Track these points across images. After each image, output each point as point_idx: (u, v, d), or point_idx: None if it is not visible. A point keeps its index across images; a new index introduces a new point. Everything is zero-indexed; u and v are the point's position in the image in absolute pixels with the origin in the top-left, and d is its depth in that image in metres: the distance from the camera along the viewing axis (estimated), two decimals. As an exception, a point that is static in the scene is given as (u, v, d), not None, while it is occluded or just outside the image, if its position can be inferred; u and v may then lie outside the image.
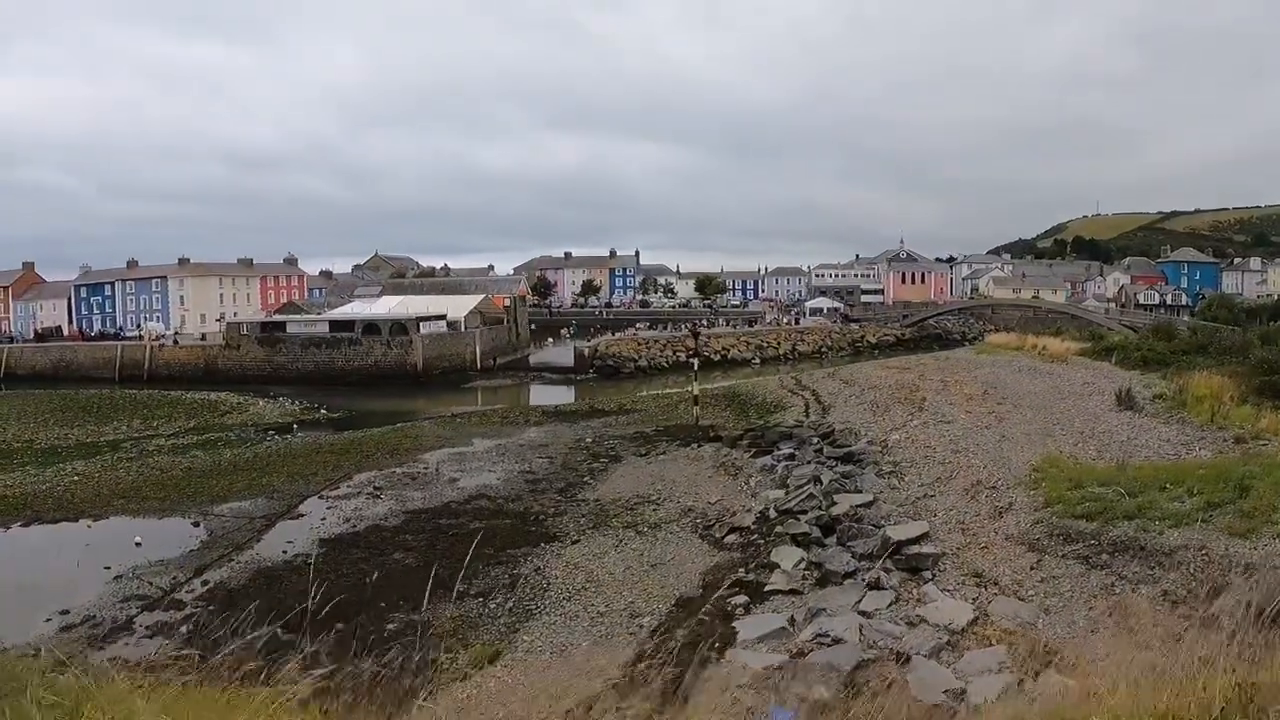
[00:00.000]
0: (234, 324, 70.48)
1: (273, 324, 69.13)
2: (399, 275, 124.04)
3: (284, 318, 72.98)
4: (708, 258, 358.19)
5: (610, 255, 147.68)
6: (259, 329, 67.03)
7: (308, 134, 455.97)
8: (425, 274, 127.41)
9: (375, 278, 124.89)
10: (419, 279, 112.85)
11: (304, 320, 70.06)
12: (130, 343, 72.77)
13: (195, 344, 70.74)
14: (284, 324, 68.55)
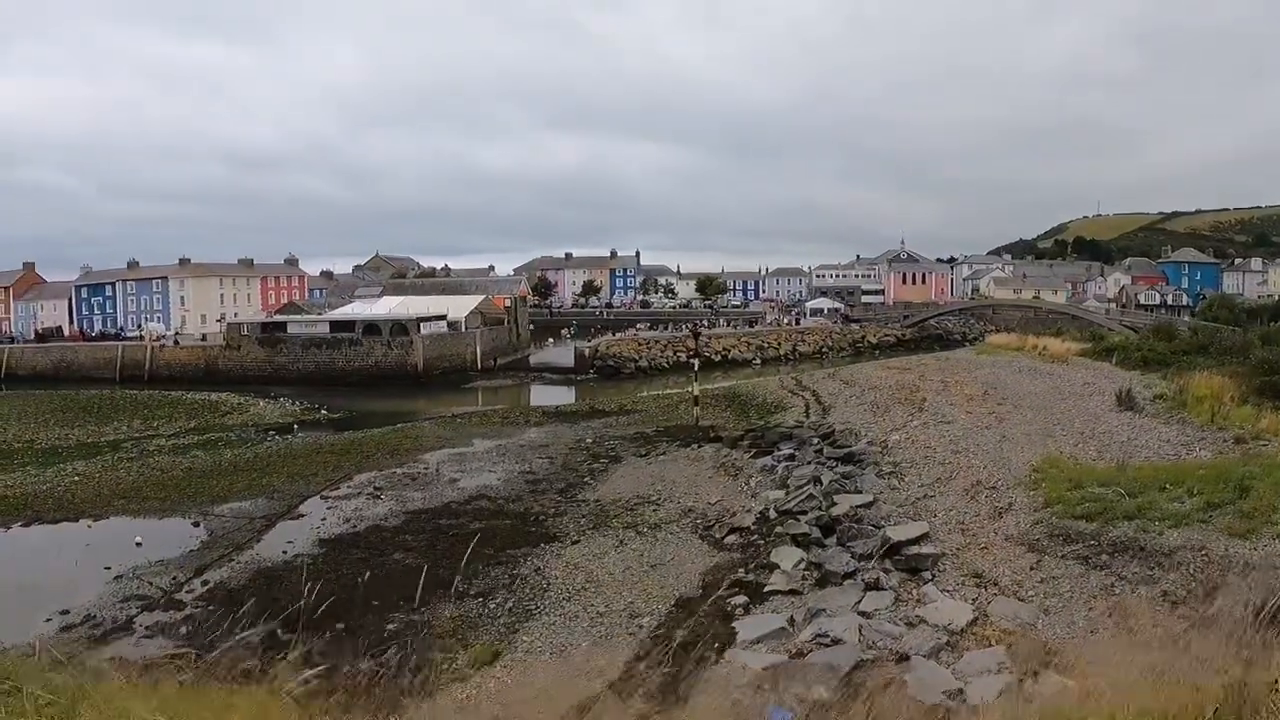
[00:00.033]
0: (234, 324, 70.48)
1: (273, 324, 69.17)
2: (399, 276, 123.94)
3: (284, 318, 73.00)
4: (708, 258, 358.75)
5: (611, 256, 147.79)
6: (259, 329, 67.06)
7: (308, 134, 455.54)
8: (426, 274, 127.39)
9: (376, 278, 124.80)
10: (419, 279, 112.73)
11: (304, 321, 70.08)
12: (131, 343, 72.77)
13: (196, 344, 70.71)
14: (284, 324, 68.59)
